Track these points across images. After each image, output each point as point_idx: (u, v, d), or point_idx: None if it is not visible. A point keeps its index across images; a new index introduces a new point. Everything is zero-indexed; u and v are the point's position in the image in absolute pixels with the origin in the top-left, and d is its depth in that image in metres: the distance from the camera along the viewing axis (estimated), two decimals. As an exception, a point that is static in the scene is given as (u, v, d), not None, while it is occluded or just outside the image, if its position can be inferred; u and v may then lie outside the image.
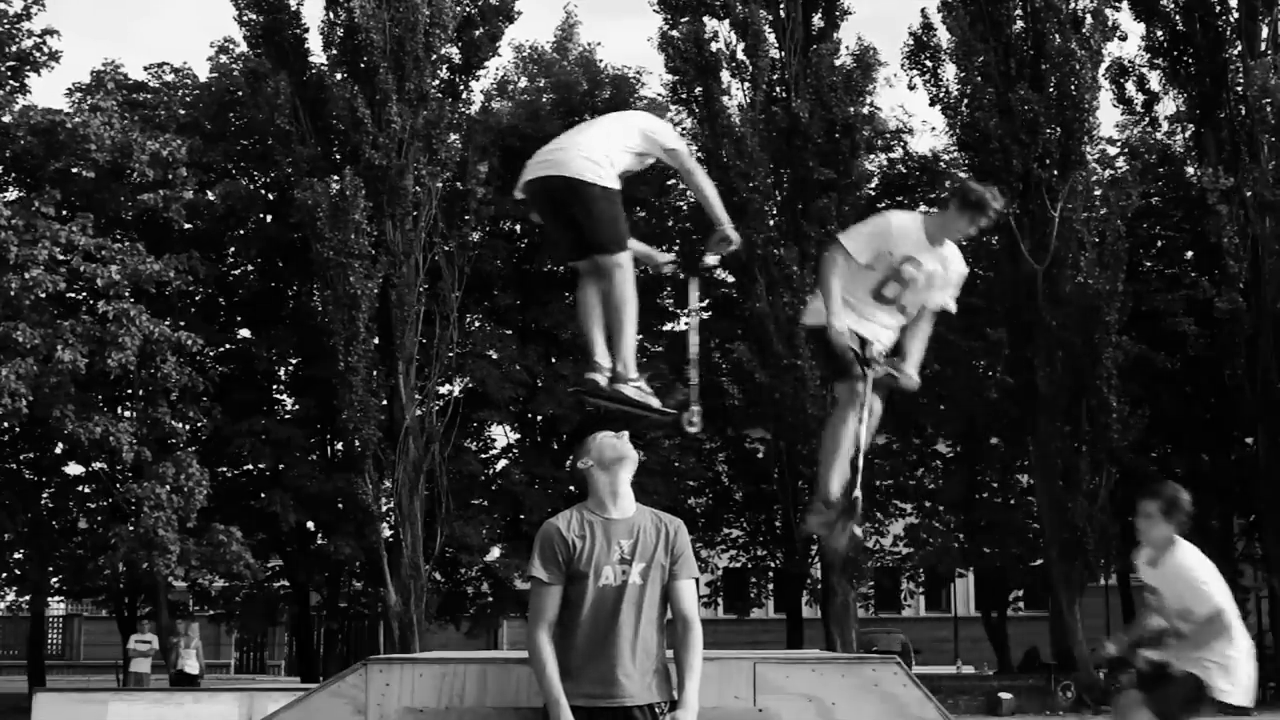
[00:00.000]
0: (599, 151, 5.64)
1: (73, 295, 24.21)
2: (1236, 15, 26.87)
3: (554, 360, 28.55)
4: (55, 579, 28.00)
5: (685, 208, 31.25)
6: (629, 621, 4.58)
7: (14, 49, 24.45)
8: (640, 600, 4.60)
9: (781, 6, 26.97)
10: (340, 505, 26.58)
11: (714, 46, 26.95)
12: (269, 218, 28.72)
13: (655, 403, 5.81)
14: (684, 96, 27.81)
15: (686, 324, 6.20)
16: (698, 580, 4.79)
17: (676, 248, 27.96)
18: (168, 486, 22.68)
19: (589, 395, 5.77)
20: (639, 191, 27.01)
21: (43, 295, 21.80)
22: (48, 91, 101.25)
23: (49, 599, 31.88)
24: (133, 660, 22.57)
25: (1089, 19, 25.85)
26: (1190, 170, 28.41)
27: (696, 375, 6.03)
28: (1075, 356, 25.22)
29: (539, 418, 29.75)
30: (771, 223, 26.14)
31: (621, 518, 4.68)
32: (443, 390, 27.11)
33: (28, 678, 27.40)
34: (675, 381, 25.88)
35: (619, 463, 4.69)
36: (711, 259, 6.00)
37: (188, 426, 24.16)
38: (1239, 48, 26.79)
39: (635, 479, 4.80)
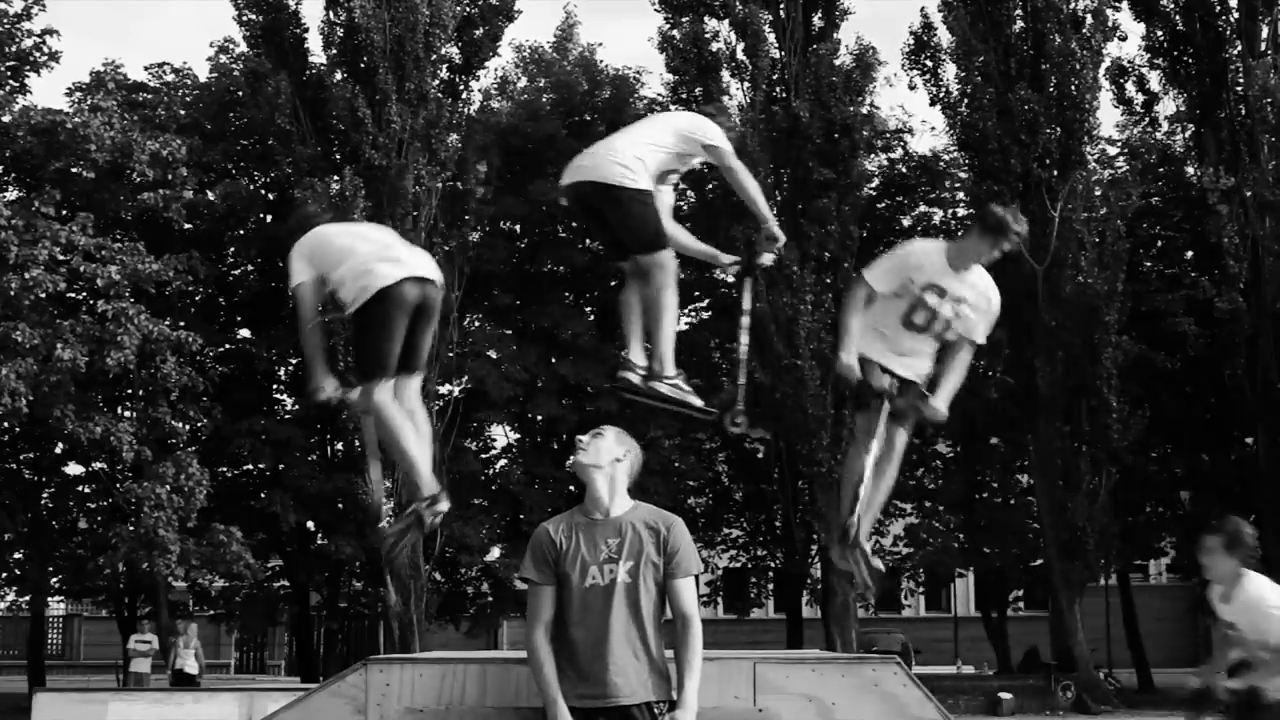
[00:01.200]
0: (629, 154, 5.69)
1: (73, 295, 24.19)
2: (1236, 15, 26.89)
3: (553, 360, 28.55)
4: (55, 579, 27.96)
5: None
6: (621, 621, 4.60)
7: (14, 49, 24.44)
8: (632, 599, 4.61)
9: (781, 6, 26.97)
10: (340, 505, 26.57)
11: (714, 46, 26.96)
12: (269, 218, 28.70)
13: (694, 400, 5.88)
14: (684, 96, 27.77)
15: (741, 325, 6.12)
16: (698, 578, 4.81)
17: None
18: (168, 486, 22.66)
19: (624, 392, 5.86)
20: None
21: (43, 295, 21.79)
22: (48, 91, 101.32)
23: (49, 599, 31.84)
24: (133, 660, 22.58)
25: (1089, 19, 25.87)
26: (1190, 170, 28.42)
27: (745, 376, 6.12)
28: (1075, 357, 25.21)
29: (539, 418, 29.73)
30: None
31: (606, 518, 4.71)
32: (443, 390, 27.09)
33: (28, 678, 27.36)
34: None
35: (580, 470, 4.78)
36: (766, 258, 6.00)
37: (188, 426, 24.14)
38: (1239, 48, 26.80)
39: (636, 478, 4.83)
